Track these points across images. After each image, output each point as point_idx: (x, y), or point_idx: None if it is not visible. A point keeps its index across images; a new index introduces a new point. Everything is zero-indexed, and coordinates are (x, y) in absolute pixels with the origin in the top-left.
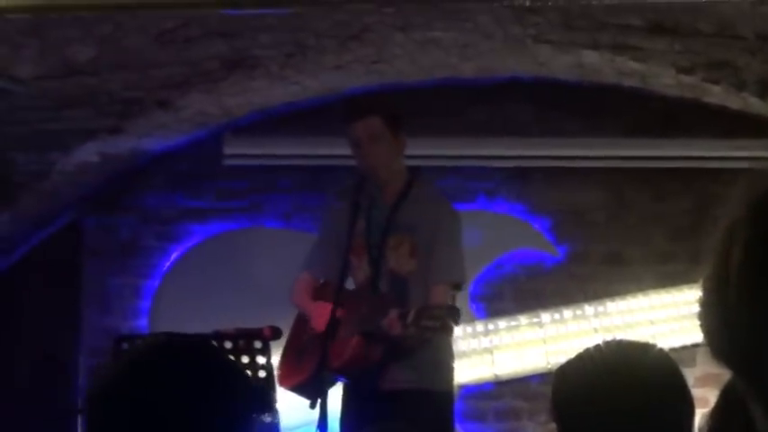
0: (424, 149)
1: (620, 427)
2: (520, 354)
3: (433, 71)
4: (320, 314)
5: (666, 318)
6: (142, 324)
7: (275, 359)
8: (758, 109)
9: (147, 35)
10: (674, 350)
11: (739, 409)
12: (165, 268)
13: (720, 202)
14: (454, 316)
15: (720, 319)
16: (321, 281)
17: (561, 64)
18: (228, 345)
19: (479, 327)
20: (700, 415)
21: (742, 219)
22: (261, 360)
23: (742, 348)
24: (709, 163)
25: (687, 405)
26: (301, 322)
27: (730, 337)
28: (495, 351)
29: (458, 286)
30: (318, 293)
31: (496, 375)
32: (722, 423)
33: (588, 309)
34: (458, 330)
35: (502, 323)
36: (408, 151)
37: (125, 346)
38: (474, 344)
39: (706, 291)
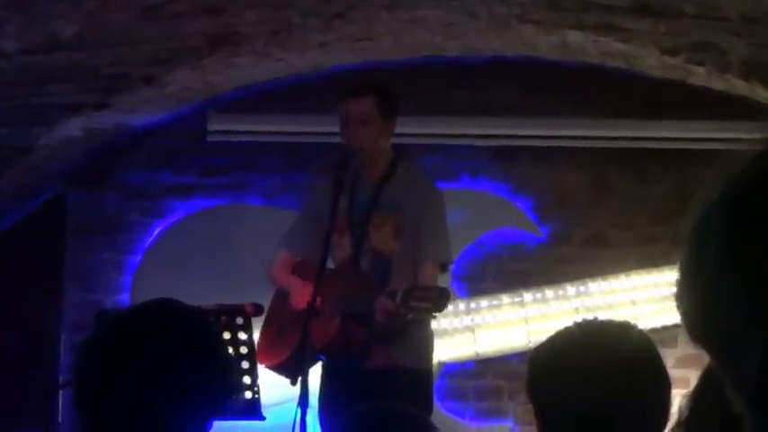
0: (407, 128)
1: (595, 407)
2: (501, 333)
3: (417, 50)
4: (301, 292)
5: (648, 298)
6: (124, 299)
7: (255, 336)
8: (742, 91)
9: (132, 11)
10: (655, 330)
11: (720, 390)
12: (147, 244)
13: (703, 184)
14: (445, 298)
15: (696, 302)
16: (298, 259)
17: (545, 44)
18: None
19: (461, 305)
20: (680, 395)
21: (718, 201)
22: (242, 336)
23: (717, 331)
24: (692, 144)
25: (664, 385)
26: (281, 299)
27: (706, 320)
28: (476, 330)
29: (445, 267)
30: (296, 272)
31: (478, 354)
32: (702, 404)
33: (570, 289)
34: None
35: (484, 302)
36: None
37: None
38: (455, 322)
39: (682, 273)
